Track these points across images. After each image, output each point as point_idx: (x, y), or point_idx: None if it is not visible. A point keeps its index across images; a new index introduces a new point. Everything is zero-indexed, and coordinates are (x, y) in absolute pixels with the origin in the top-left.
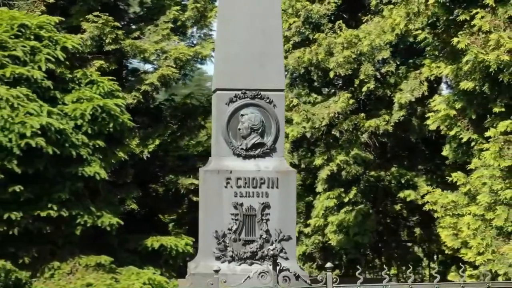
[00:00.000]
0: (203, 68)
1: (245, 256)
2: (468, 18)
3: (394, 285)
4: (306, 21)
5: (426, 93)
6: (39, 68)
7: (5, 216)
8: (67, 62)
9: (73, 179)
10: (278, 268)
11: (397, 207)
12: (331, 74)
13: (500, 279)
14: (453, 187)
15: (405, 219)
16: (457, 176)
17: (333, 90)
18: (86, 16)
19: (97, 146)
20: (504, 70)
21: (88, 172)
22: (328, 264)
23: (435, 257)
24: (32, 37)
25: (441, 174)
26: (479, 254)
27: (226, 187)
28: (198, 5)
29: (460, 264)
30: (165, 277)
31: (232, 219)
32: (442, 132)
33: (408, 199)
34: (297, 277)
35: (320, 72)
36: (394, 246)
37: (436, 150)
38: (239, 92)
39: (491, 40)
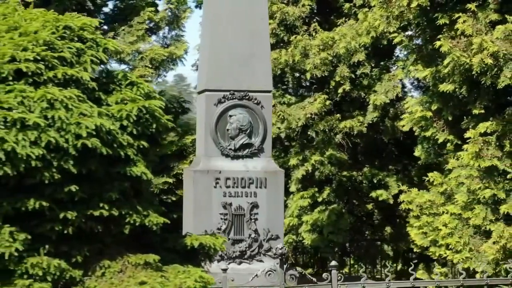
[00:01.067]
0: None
1: (234, 255)
2: (447, 22)
3: (396, 283)
4: (282, 23)
5: (400, 95)
6: (85, 70)
7: (61, 215)
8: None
9: (120, 179)
10: (285, 266)
11: (369, 206)
12: (308, 76)
13: (477, 276)
14: (423, 186)
15: (376, 218)
16: (433, 176)
17: (307, 92)
18: None
19: (140, 146)
20: (488, 73)
21: (136, 172)
22: (333, 263)
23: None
24: (76, 38)
25: (409, 174)
26: (457, 252)
27: (215, 187)
28: (172, 6)
29: (430, 262)
30: None
31: (221, 218)
32: (416, 133)
33: (380, 199)
34: (303, 275)
35: (295, 74)
36: (365, 245)
37: (405, 151)
38: (228, 93)
39: (474, 44)
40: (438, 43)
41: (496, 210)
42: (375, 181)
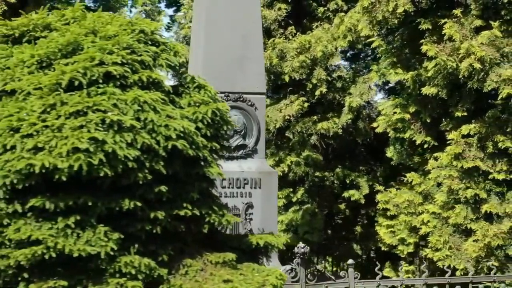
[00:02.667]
0: None
1: None
2: (430, 27)
3: (410, 280)
4: None
5: (374, 97)
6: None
7: (152, 215)
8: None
9: (199, 180)
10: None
11: (342, 206)
12: (286, 78)
13: (458, 273)
14: (393, 186)
15: (348, 218)
16: (411, 176)
17: (283, 94)
18: None
19: (213, 148)
20: (475, 77)
21: (213, 173)
22: (350, 261)
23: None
24: (149, 42)
25: (381, 174)
26: (437, 250)
27: None
28: (147, 8)
29: (397, 260)
30: None
31: None
32: (390, 135)
33: (352, 199)
34: (323, 273)
35: (272, 76)
36: (336, 244)
37: (375, 152)
38: (222, 95)
39: (462, 49)
40: (424, 47)
41: (476, 209)
42: (347, 182)
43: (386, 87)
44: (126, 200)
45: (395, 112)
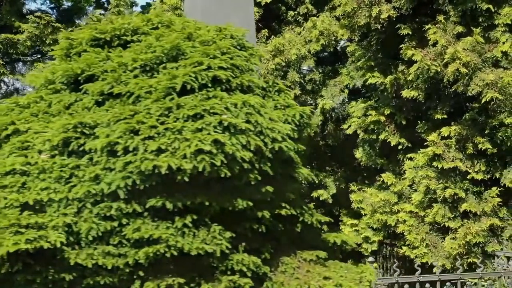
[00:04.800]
0: None
1: None
2: (410, 32)
3: (425, 276)
4: None
5: (346, 100)
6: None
7: (259, 214)
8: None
9: (292, 180)
10: None
11: (311, 205)
12: None
13: (435, 270)
14: (366, 186)
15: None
16: (386, 177)
17: None
18: (27, 17)
19: (299, 150)
20: (460, 82)
21: (305, 174)
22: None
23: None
24: (239, 47)
25: (350, 175)
26: (414, 248)
27: None
28: (121, 9)
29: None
30: None
31: None
32: (360, 136)
33: (321, 198)
34: None
35: None
36: None
37: (342, 153)
38: None
39: (448, 54)
40: (408, 52)
41: (454, 208)
42: (316, 181)
43: (356, 90)
44: (239, 200)
45: (368, 114)
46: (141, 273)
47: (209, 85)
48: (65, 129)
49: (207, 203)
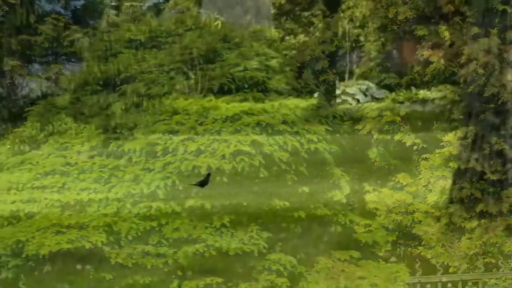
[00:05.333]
0: None
1: None
2: (426, 33)
3: (447, 276)
4: None
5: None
6: None
7: (296, 215)
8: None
9: (325, 180)
10: None
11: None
12: None
13: (451, 270)
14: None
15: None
16: (402, 177)
17: None
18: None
19: (332, 150)
20: (477, 82)
21: (338, 174)
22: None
23: None
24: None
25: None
26: (430, 248)
27: None
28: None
29: None
30: None
31: None
32: (375, 137)
33: (335, 199)
34: None
35: None
36: None
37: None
38: None
39: (465, 55)
40: (425, 53)
41: (470, 208)
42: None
43: (370, 91)
44: (276, 200)
45: (382, 115)
46: (179, 273)
47: (246, 86)
48: (103, 130)
49: (245, 204)
